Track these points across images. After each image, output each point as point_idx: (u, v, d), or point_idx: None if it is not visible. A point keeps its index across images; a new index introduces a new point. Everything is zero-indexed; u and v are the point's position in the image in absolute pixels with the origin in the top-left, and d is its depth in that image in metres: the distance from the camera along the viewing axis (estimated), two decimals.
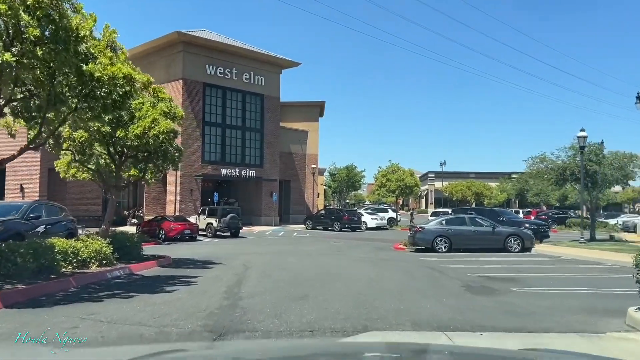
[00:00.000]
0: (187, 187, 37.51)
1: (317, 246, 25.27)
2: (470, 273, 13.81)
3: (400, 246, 24.44)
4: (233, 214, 31.21)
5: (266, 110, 42.49)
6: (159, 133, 12.43)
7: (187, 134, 37.63)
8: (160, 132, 12.44)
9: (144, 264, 13.95)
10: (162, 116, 12.76)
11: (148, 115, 12.59)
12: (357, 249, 23.96)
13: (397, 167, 43.64)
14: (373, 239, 31.06)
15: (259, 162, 42.21)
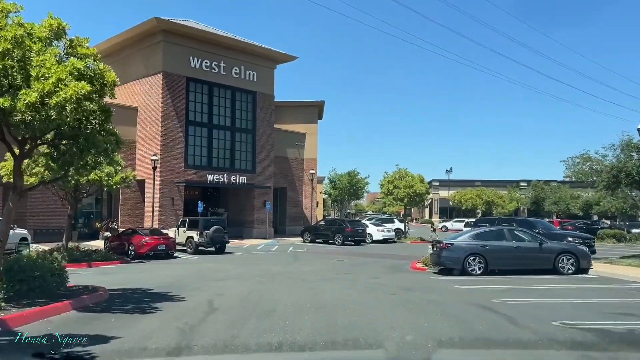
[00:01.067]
0: (168, 195, 32.87)
1: (316, 265, 20.60)
2: (555, 320, 9.05)
3: (419, 265, 19.82)
4: (218, 226, 26.55)
5: (259, 109, 37.97)
6: (65, 101, 7.78)
7: (168, 135, 33.05)
8: (68, 100, 7.79)
9: (49, 308, 9.11)
10: (73, 77, 8.11)
11: (50, 74, 7.97)
12: (366, 269, 19.30)
13: (405, 172, 39.04)
14: (382, 254, 26.40)
15: (251, 167, 37.59)
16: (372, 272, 18.27)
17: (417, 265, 20.14)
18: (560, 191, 55.75)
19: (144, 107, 34.21)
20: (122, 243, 25.09)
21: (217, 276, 16.66)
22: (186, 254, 26.21)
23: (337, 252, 27.93)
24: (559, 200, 54.02)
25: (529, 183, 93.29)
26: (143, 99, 34.22)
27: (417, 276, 17.01)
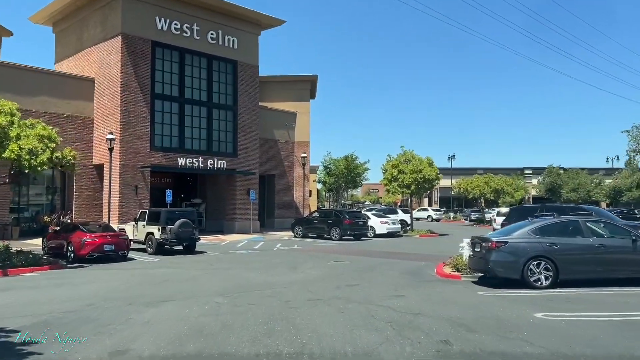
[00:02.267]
0: (130, 182, 27.31)
1: (308, 272, 15.19)
2: None
3: (448, 270, 14.51)
4: (185, 220, 21.07)
5: (241, 82, 32.39)
6: None
7: (130, 110, 27.45)
8: None
9: None
10: None
11: None
12: (377, 277, 13.93)
13: (411, 155, 33.62)
14: (391, 253, 21.03)
15: (232, 150, 32.05)
16: (387, 283, 12.89)
17: (444, 269, 14.82)
18: (579, 177, 50.64)
19: (101, 78, 28.57)
20: (60, 241, 19.64)
21: (156, 295, 11.19)
22: (146, 255, 20.79)
23: (335, 249, 22.55)
24: (579, 186, 48.87)
25: (534, 170, 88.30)
26: (101, 68, 28.57)
27: (456, 291, 11.62)
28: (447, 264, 15.57)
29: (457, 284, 12.73)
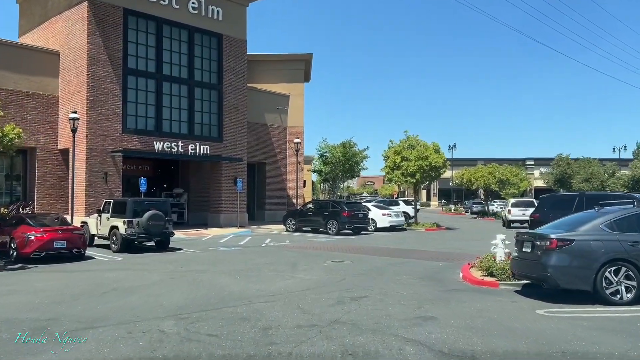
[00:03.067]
0: (99, 169, 23.97)
1: (301, 276, 11.97)
2: None
3: (479, 275, 11.39)
4: (155, 212, 17.84)
5: (227, 58, 29.01)
6: None
7: (98, 87, 24.06)
8: None
9: None
10: None
11: None
12: (389, 285, 10.74)
13: (416, 140, 30.42)
14: (399, 250, 17.84)
15: (216, 134, 28.72)
16: (405, 295, 9.71)
17: (473, 273, 11.68)
18: (592, 166, 47.61)
19: (67, 50, 25.14)
20: (4, 238, 16.36)
21: (84, 315, 7.95)
22: (110, 253, 17.56)
23: (332, 246, 19.36)
24: (592, 177, 45.84)
25: (536, 161, 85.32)
26: (67, 39, 25.13)
27: (503, 308, 8.44)
28: (474, 265, 12.45)
29: (499, 296, 9.55)
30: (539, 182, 77.86)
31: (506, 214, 32.22)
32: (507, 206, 32.82)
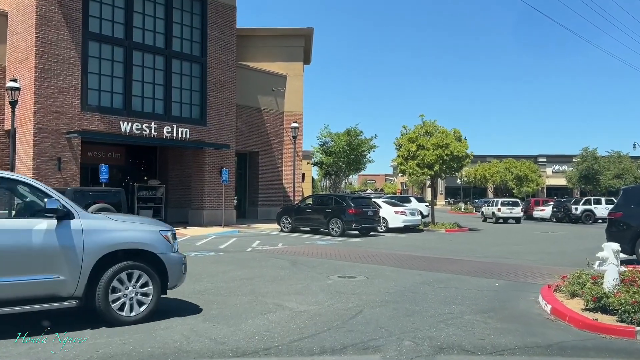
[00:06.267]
0: (51, 153, 19.54)
1: (292, 304, 7.51)
2: None
3: (579, 309, 6.94)
4: (102, 205, 13.48)
5: (212, 26, 24.56)
6: None
7: (50, 53, 19.63)
8: None
9: None
10: None
11: None
12: (436, 328, 6.21)
13: (433, 126, 25.96)
14: (427, 259, 13.34)
15: (198, 115, 24.28)
16: (474, 353, 5.23)
17: (568, 305, 7.24)
18: (623, 162, 43.20)
19: (15, 10, 20.72)
20: None
21: None
22: None
23: (337, 251, 14.90)
24: (624, 172, 41.41)
25: (549, 158, 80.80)
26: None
27: None
28: (560, 288, 8.09)
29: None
30: (551, 180, 73.51)
31: (495, 212, 34.40)
32: (496, 205, 34.89)
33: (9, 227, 5.80)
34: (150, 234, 6.75)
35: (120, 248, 6.37)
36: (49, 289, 5.90)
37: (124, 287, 6.36)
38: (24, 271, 5.72)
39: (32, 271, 5.79)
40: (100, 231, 6.28)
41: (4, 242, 5.62)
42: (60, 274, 5.93)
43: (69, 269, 5.98)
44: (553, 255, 15.07)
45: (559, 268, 12.03)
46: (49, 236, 5.91)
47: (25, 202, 6.50)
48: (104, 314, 6.20)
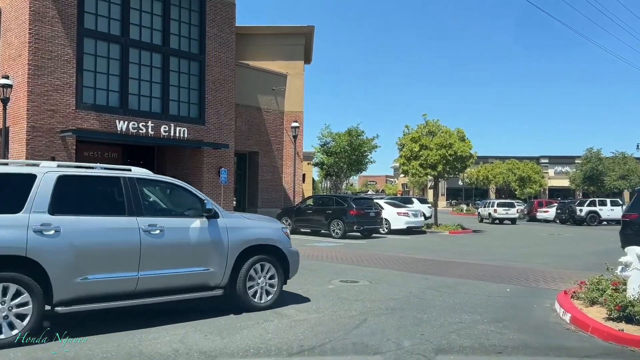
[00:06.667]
0: (45, 153, 19.03)
1: (290, 311, 6.98)
2: None
3: (602, 318, 6.41)
4: None
5: (211, 24, 24.06)
6: None
7: (44, 50, 19.12)
8: None
9: None
10: None
11: None
12: (447, 339, 5.69)
13: (436, 125, 25.44)
14: (433, 262, 12.81)
15: (197, 114, 23.77)
16: None
17: (589, 314, 6.73)
18: (628, 162, 42.61)
19: (9, 6, 20.24)
20: None
21: None
22: None
23: (338, 254, 14.36)
24: (629, 173, 40.84)
25: (551, 159, 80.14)
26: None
27: None
28: (577, 295, 7.59)
29: None
30: (553, 182, 72.90)
31: (491, 213, 35.43)
32: (492, 205, 35.95)
33: (175, 225, 6.69)
34: (276, 231, 7.75)
35: (255, 243, 7.29)
36: (202, 279, 6.83)
37: (257, 278, 7.30)
38: (186, 264, 6.65)
39: (191, 264, 6.70)
40: (239, 229, 7.25)
41: (173, 239, 6.55)
42: (210, 266, 6.85)
43: (217, 262, 6.91)
44: (563, 258, 14.55)
45: (570, 272, 11.52)
46: (203, 233, 6.84)
47: (180, 203, 7.27)
48: (243, 300, 7.13)
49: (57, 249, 5.67)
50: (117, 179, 6.52)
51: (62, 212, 5.86)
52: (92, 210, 6.24)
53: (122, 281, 6.14)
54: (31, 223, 5.59)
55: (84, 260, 5.84)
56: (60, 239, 5.72)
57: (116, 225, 6.23)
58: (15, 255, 5.44)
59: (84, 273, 5.84)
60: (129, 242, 6.20)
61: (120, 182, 6.50)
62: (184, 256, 6.64)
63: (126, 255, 6.17)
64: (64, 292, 5.73)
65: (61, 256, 5.69)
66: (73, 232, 5.83)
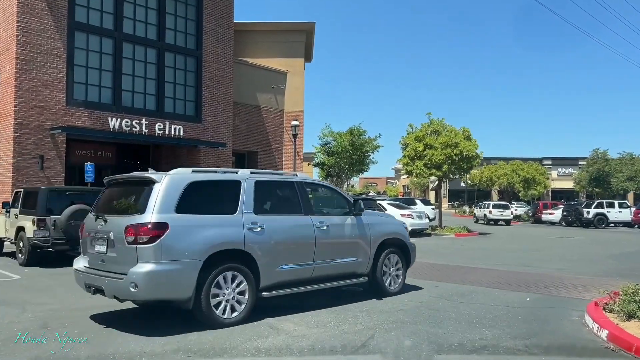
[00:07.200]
0: (33, 151, 18.21)
1: (288, 325, 6.11)
2: None
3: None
4: (81, 206, 12.10)
5: (208, 18, 23.27)
6: None
7: (33, 43, 18.32)
8: None
9: None
10: None
11: None
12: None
13: (441, 124, 24.61)
14: (442, 267, 11.93)
15: (193, 111, 22.95)
16: None
17: (629, 329, 5.85)
18: (635, 163, 41.70)
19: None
20: None
21: None
22: (15, 266, 11.92)
23: None
24: (637, 174, 39.95)
25: (554, 161, 79.26)
26: None
27: None
28: (610, 306, 6.76)
29: None
30: (556, 183, 72.06)
31: (487, 214, 36.19)
32: (487, 207, 36.90)
33: (334, 222, 7.76)
34: (401, 226, 9.06)
35: (387, 237, 8.39)
36: (353, 268, 7.93)
37: (389, 267, 8.38)
38: (343, 254, 7.76)
39: (346, 254, 7.81)
40: (377, 224, 8.36)
41: (335, 233, 7.66)
42: (359, 256, 7.95)
43: (364, 253, 8.00)
44: (579, 262, 13.69)
45: (591, 278, 10.68)
46: (353, 228, 7.95)
47: (333, 202, 8.43)
48: (381, 287, 8.22)
49: (262, 244, 6.73)
50: (292, 183, 7.66)
51: (261, 212, 6.94)
52: (278, 209, 7.43)
53: (303, 270, 7.26)
54: (245, 222, 6.64)
55: (280, 252, 6.92)
56: (264, 235, 6.76)
57: (298, 222, 7.32)
58: (237, 249, 6.51)
59: (280, 263, 6.91)
60: (307, 236, 7.30)
61: (295, 186, 7.61)
62: (341, 248, 7.78)
63: (306, 247, 7.28)
64: (267, 279, 6.75)
65: (265, 249, 6.75)
66: (271, 228, 6.86)
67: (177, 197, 6.20)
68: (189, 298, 6.03)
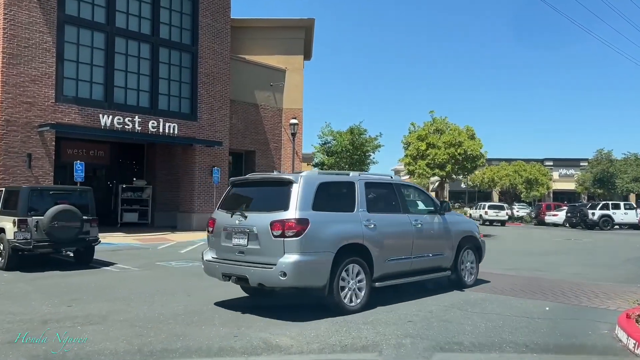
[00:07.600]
0: (20, 149, 17.47)
1: (284, 336, 5.37)
2: None
3: None
4: (65, 207, 11.41)
5: (204, 12, 22.53)
6: None
7: (20, 36, 17.57)
8: None
9: None
10: None
11: None
12: None
13: (444, 123, 23.89)
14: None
15: (188, 109, 22.20)
16: None
17: None
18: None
19: None
20: None
21: None
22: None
23: None
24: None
25: (556, 162, 78.52)
26: None
27: None
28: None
29: None
30: (558, 185, 71.34)
31: (482, 214, 37.53)
32: (483, 208, 38.78)
33: (426, 220, 8.52)
34: (474, 225, 9.98)
35: (465, 235, 9.22)
36: (440, 262, 8.70)
37: (465, 262, 9.18)
38: (433, 250, 8.55)
39: (435, 250, 8.59)
40: (457, 223, 9.24)
41: (427, 230, 8.44)
42: (444, 252, 8.73)
43: (448, 248, 8.81)
44: (595, 267, 12.95)
45: (611, 285, 9.96)
46: (440, 226, 8.75)
47: (421, 202, 9.20)
48: (459, 281, 9.01)
49: (376, 238, 7.46)
50: (390, 184, 8.48)
51: (371, 210, 7.59)
52: (382, 208, 8.04)
53: (404, 263, 8.00)
54: (361, 219, 7.38)
55: (387, 246, 7.64)
56: (376, 231, 7.49)
57: (399, 220, 8.09)
58: (358, 243, 7.21)
59: (388, 256, 7.64)
60: (408, 232, 8.07)
61: (392, 186, 8.43)
62: (432, 244, 8.54)
63: (406, 243, 8.05)
64: (378, 271, 7.46)
65: (377, 244, 7.46)
66: (381, 225, 7.60)
67: (312, 196, 6.91)
68: (324, 286, 6.74)
